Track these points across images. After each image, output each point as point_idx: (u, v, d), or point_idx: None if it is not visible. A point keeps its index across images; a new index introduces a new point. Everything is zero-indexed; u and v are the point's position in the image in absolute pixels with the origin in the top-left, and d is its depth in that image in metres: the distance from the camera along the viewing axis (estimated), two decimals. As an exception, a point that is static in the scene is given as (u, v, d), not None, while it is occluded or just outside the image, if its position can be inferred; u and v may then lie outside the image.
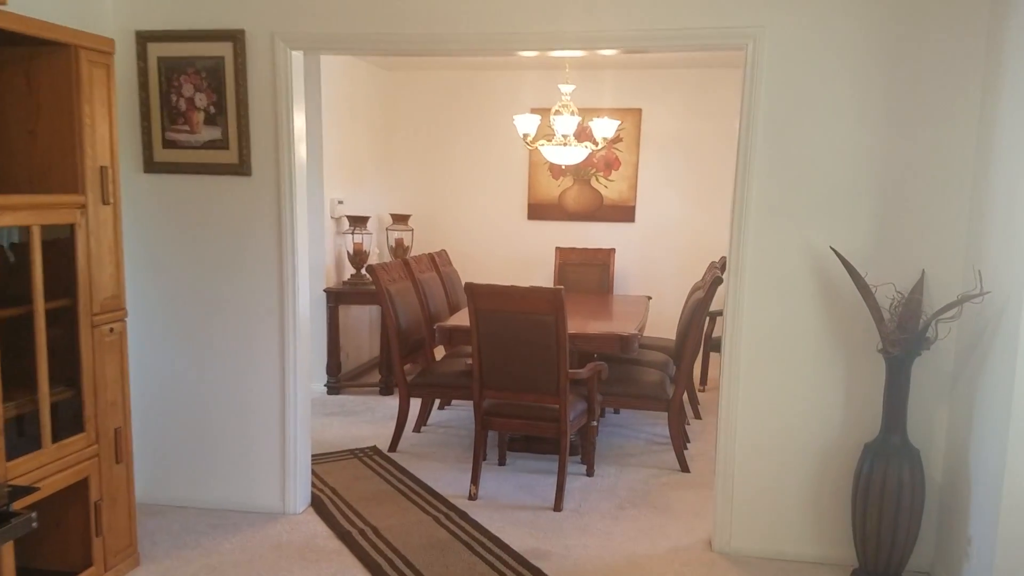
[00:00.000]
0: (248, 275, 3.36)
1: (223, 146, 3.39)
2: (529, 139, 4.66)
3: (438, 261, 5.28)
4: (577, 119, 4.52)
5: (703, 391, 5.52)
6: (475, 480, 3.61)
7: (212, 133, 3.38)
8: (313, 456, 4.02)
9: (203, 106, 3.37)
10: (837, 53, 2.83)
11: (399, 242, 6.18)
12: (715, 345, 5.52)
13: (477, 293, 3.52)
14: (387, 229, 6.21)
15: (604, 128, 4.61)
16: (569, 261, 5.88)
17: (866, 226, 2.87)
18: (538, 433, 3.64)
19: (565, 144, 4.60)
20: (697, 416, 4.97)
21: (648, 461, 4.18)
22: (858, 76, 2.83)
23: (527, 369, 3.53)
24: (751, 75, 2.96)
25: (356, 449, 4.31)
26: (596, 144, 4.72)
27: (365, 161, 6.10)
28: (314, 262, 5.43)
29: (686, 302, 4.70)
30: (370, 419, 4.94)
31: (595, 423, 3.83)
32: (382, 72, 6.31)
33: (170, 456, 3.47)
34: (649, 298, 5.32)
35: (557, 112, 4.57)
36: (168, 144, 3.41)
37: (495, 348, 3.56)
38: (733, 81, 5.85)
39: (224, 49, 3.31)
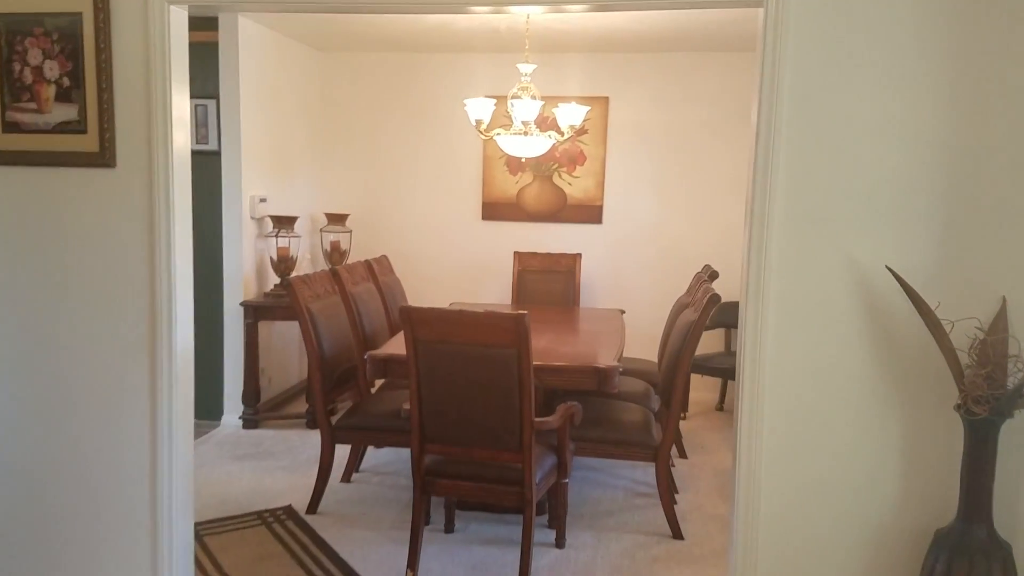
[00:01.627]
0: (108, 299, 2.51)
1: (79, 129, 2.55)
2: (483, 127, 3.89)
3: (377, 269, 4.47)
4: (539, 104, 3.76)
5: (684, 419, 4.81)
6: (412, 562, 2.82)
7: (66, 113, 2.55)
8: (208, 523, 3.20)
9: (54, 78, 2.55)
10: (890, 4, 2.12)
11: (335, 246, 5.34)
12: (698, 366, 4.83)
13: (416, 320, 2.73)
14: (321, 231, 5.37)
15: (570, 115, 3.86)
16: (529, 268, 5.12)
17: (929, 237, 2.17)
18: (495, 500, 2.87)
19: (525, 133, 3.84)
20: (682, 454, 4.25)
21: (631, 522, 3.44)
22: (920, 36, 2.12)
23: (481, 417, 2.76)
24: (772, 40, 2.23)
25: (266, 511, 3.47)
26: (561, 134, 3.97)
27: (295, 154, 5.24)
28: (230, 270, 4.58)
29: (671, 321, 3.98)
30: (290, 463, 4.11)
31: (566, 480, 3.08)
32: (314, 53, 5.45)
33: None
34: (622, 312, 4.59)
35: (516, 96, 3.80)
36: (8, 127, 2.58)
37: (439, 390, 2.78)
38: (712, 66, 5.16)
39: (82, 4, 2.50)
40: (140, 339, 2.52)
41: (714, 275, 4.13)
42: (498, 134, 3.93)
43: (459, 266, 5.53)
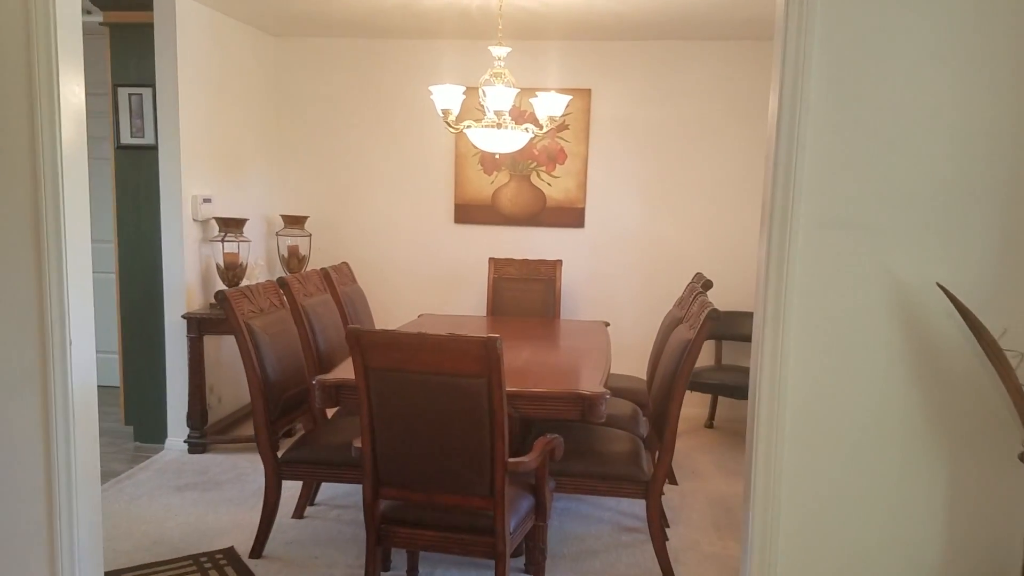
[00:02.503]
0: (-14, 322, 2.06)
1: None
2: (451, 118, 3.46)
3: (335, 279, 4.02)
4: (514, 91, 3.34)
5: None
6: (365, 628, 2.39)
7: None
8: (135, 570, 2.76)
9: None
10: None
11: (293, 251, 4.89)
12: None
13: (366, 344, 2.30)
14: (278, 235, 4.91)
15: (550, 105, 3.45)
16: (506, 275, 4.71)
17: (986, 250, 1.79)
18: (462, 551, 2.44)
19: (499, 126, 3.42)
20: (671, 480, 3.86)
21: (619, 564, 3.03)
22: (977, 6, 1.73)
23: (445, 457, 2.34)
24: (798, 13, 1.84)
25: (203, 555, 3.02)
26: (540, 127, 3.56)
27: (246, 149, 4.78)
28: (171, 279, 4.11)
29: (662, 337, 3.58)
30: (238, 494, 3.66)
31: (544, 523, 2.66)
32: (267, 38, 4.99)
33: None
34: (607, 324, 4.19)
35: (488, 83, 3.38)
36: None
37: (396, 426, 2.36)
38: (705, 56, 4.77)
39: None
40: (28, 371, 2.06)
41: (708, 285, 3.74)
42: (468, 127, 3.51)
43: (429, 274, 5.10)
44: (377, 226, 5.12)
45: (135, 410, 4.31)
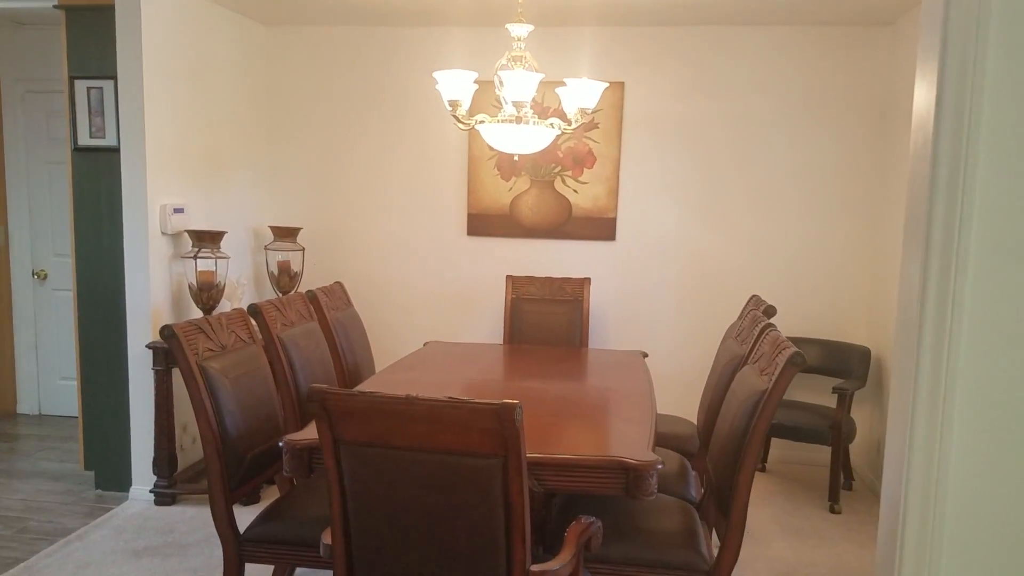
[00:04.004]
0: None
1: None
2: (460, 111, 2.84)
3: (325, 302, 3.41)
4: (538, 77, 2.71)
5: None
6: None
7: None
8: None
9: None
10: None
11: (284, 267, 4.30)
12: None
13: (336, 411, 1.68)
14: (267, 249, 4.32)
15: (581, 94, 2.82)
16: (526, 296, 4.07)
17: None
18: None
19: (518, 120, 2.79)
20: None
21: None
22: None
23: (443, 562, 1.71)
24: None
25: (144, 660, 2.41)
26: (568, 123, 2.93)
27: (228, 152, 4.19)
28: (135, 302, 3.52)
29: (720, 378, 2.92)
30: (204, 562, 3.05)
31: (579, 638, 2.01)
32: (255, 26, 4.40)
33: None
34: (644, 355, 3.55)
35: (505, 67, 2.75)
36: None
37: (377, 517, 1.73)
38: (761, 42, 4.10)
39: None
40: None
41: (771, 311, 3.09)
42: (481, 122, 2.88)
43: (438, 294, 4.48)
44: (379, 239, 4.51)
45: (96, 452, 3.72)
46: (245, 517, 3.15)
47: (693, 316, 4.27)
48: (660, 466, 2.05)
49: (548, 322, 4.01)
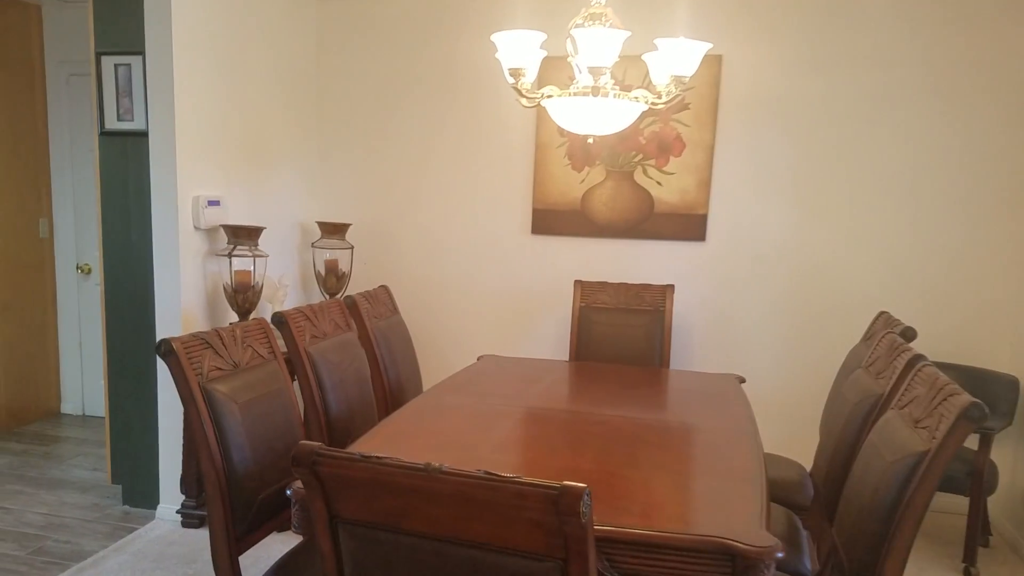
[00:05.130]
0: None
1: None
2: (523, 83, 2.34)
3: (367, 310, 2.98)
4: (622, 36, 2.19)
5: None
6: None
7: None
8: None
9: None
10: None
11: (331, 266, 3.90)
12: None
13: (332, 478, 1.21)
14: (313, 246, 3.93)
15: (677, 58, 2.27)
16: (597, 304, 3.54)
17: None
18: None
19: (595, 93, 2.27)
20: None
21: None
22: None
23: None
24: None
25: None
26: (658, 96, 2.39)
27: (273, 138, 3.81)
28: (164, 304, 3.18)
29: (851, 423, 2.32)
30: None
31: None
32: (307, -1, 4.01)
33: None
34: (742, 381, 2.98)
35: (580, 26, 2.23)
36: None
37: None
38: (892, 5, 3.45)
39: None
40: None
41: (909, 333, 2.48)
42: (548, 96, 2.37)
43: (496, 300, 3.99)
44: (433, 237, 4.06)
45: (124, 465, 3.40)
46: (275, 548, 2.75)
47: (800, 333, 3.66)
48: (779, 554, 1.51)
49: (622, 336, 3.47)
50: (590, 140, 2.47)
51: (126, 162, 3.26)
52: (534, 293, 3.92)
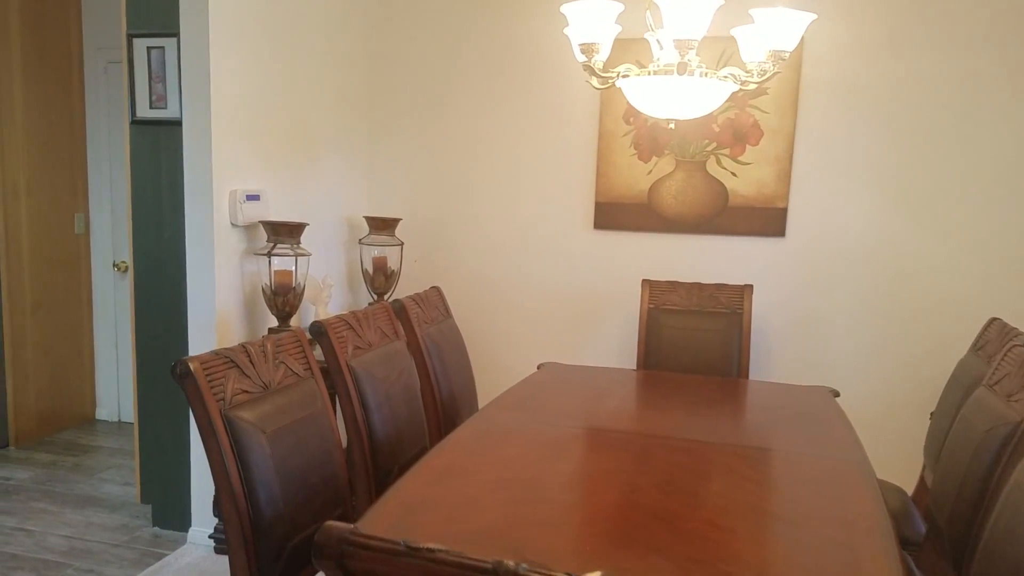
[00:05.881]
0: None
1: None
2: (597, 62, 2.02)
3: (416, 315, 2.70)
4: (715, 3, 1.85)
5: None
6: None
7: None
8: None
9: None
10: None
11: (380, 264, 3.64)
12: None
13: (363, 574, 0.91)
14: (361, 243, 3.67)
15: (776, 30, 1.93)
16: (667, 306, 3.21)
17: None
18: None
19: (682, 70, 1.93)
20: None
21: None
22: None
23: None
24: None
25: None
26: (750, 75, 2.04)
27: (317, 127, 3.55)
28: (197, 307, 2.95)
29: (980, 456, 1.96)
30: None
31: None
32: (351, -23, 3.73)
33: None
34: (836, 394, 2.62)
35: (664, -8, 1.90)
36: None
37: None
38: None
39: None
40: None
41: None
42: (625, 75, 2.04)
43: (556, 301, 3.68)
44: (488, 232, 3.76)
45: (155, 483, 3.19)
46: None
47: (892, 340, 3.27)
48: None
49: (695, 341, 3.13)
50: (671, 125, 2.13)
51: (158, 154, 3.03)
52: (597, 293, 3.60)
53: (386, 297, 3.66)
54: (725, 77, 2.02)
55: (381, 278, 3.67)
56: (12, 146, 3.88)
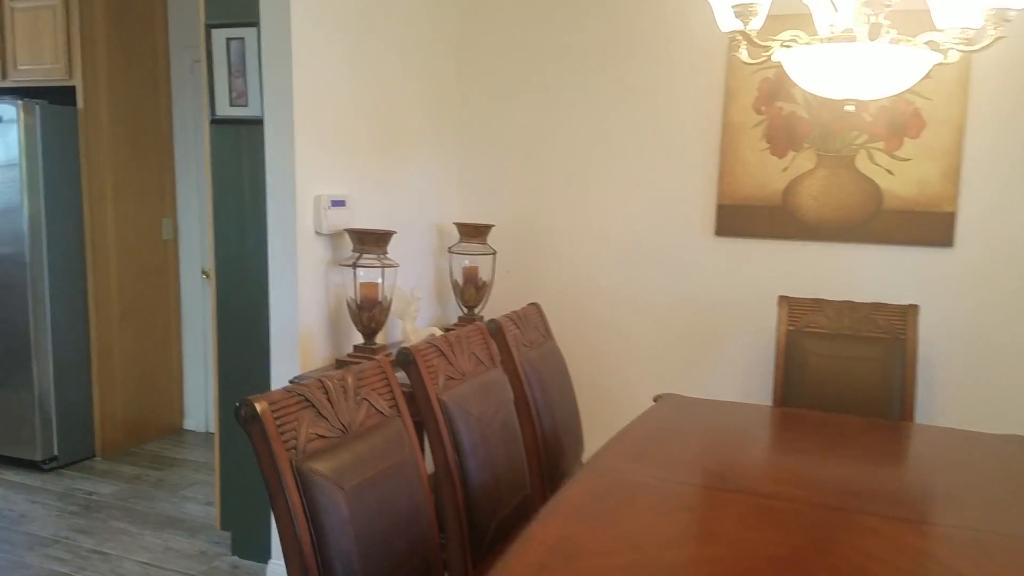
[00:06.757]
0: None
1: None
2: (753, 29, 1.60)
3: (515, 338, 2.34)
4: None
5: None
6: None
7: None
8: None
9: None
10: None
11: (470, 275, 3.32)
12: None
13: None
14: (450, 251, 3.35)
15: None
16: (810, 328, 2.73)
17: None
18: None
19: (875, 34, 1.50)
20: None
21: None
22: None
23: None
24: None
25: None
26: (963, 42, 1.57)
27: (401, 126, 3.24)
28: (280, 322, 2.69)
29: None
30: None
31: None
32: (446, -40, 3.41)
33: None
34: (1034, 447, 2.09)
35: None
36: None
37: None
38: None
39: None
40: None
41: None
42: (789, 43, 1.62)
43: (671, 319, 3.24)
44: (590, 240, 3.36)
45: (234, 510, 2.96)
46: None
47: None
48: None
49: (847, 372, 2.64)
50: (850, 108, 1.69)
51: (239, 155, 2.79)
52: (720, 311, 3.14)
53: (476, 310, 3.33)
54: (925, 44, 1.56)
55: (472, 290, 3.34)
56: (98, 149, 3.76)
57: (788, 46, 1.64)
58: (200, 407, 4.32)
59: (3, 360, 3.67)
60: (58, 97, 3.67)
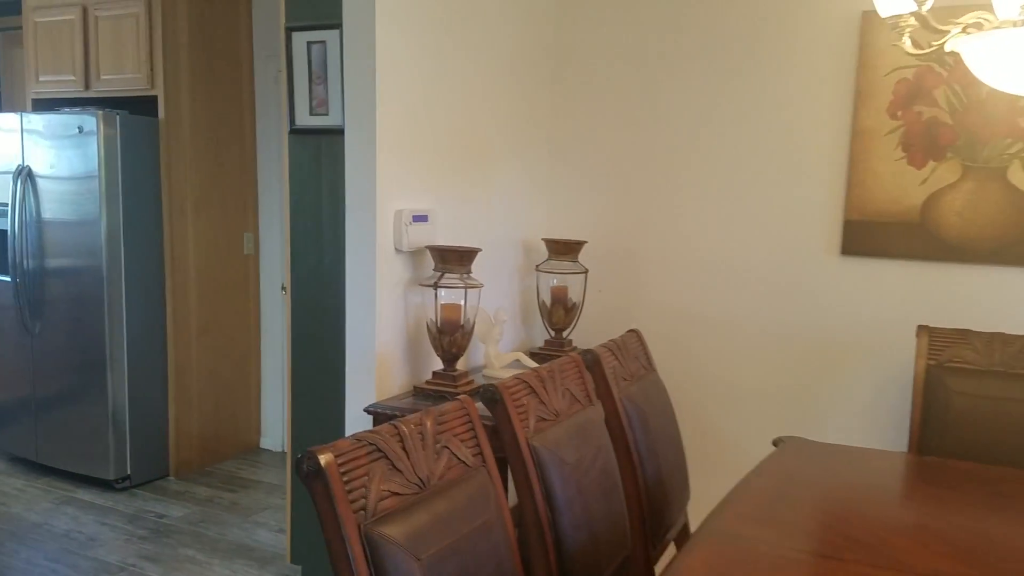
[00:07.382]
0: None
1: None
2: (927, 16, 1.30)
3: (612, 370, 2.08)
4: None
5: None
6: None
7: None
8: None
9: None
10: None
11: (559, 295, 3.07)
12: None
13: None
14: (537, 270, 3.11)
15: None
16: (956, 363, 2.35)
17: None
18: None
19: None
20: None
21: None
22: None
23: None
24: None
25: None
26: None
27: (488, 137, 3.02)
28: (356, 346, 2.52)
29: None
30: None
31: None
32: (538, -41, 3.19)
33: None
34: None
35: None
36: None
37: None
38: None
39: None
40: None
41: None
42: (969, 28, 1.31)
43: (789, 349, 2.89)
44: (693, 258, 3.05)
45: (305, 542, 2.79)
46: None
47: None
48: None
49: (1001, 416, 2.25)
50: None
51: (319, 167, 2.64)
52: (845, 341, 2.77)
53: (565, 334, 3.07)
54: None
55: (560, 311, 3.08)
56: (179, 161, 3.70)
57: (969, 32, 1.33)
58: (277, 426, 4.21)
59: (78, 375, 3.63)
60: (140, 107, 3.64)
